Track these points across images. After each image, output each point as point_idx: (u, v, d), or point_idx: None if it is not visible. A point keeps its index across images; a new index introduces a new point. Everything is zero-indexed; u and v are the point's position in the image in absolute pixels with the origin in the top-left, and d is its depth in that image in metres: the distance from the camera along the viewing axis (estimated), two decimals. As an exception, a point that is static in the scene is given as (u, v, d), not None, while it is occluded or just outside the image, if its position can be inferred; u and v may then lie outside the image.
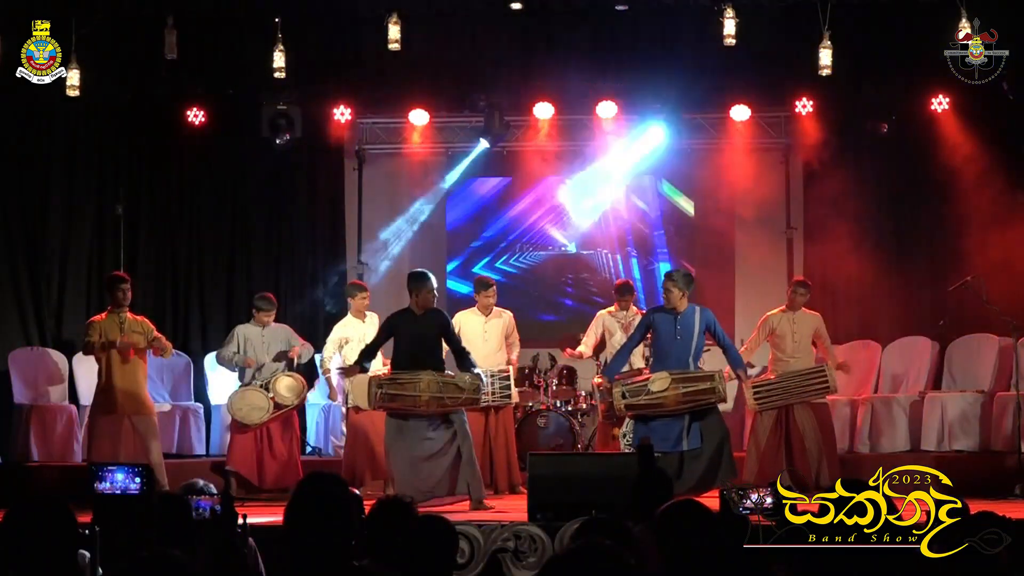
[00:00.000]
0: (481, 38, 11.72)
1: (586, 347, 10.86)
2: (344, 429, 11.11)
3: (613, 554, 3.15)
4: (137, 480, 5.63)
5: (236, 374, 10.55)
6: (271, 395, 10.25)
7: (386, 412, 9.15)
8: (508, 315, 10.81)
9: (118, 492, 5.52)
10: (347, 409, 10.57)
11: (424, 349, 9.13)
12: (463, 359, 9.21)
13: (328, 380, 10.82)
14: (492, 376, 10.21)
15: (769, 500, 6.30)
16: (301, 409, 11.59)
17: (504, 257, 13.39)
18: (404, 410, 8.99)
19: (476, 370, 9.19)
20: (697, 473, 9.09)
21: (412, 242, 13.37)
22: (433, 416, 9.03)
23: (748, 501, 7.08)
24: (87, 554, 4.49)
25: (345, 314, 11.04)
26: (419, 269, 9.50)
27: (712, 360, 10.42)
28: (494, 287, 10.77)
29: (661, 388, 9.08)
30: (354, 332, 10.55)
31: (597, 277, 13.33)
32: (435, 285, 9.18)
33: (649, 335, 9.66)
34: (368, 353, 9.33)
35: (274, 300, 10.60)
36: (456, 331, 10.25)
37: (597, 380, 10.41)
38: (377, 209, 13.37)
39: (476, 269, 13.23)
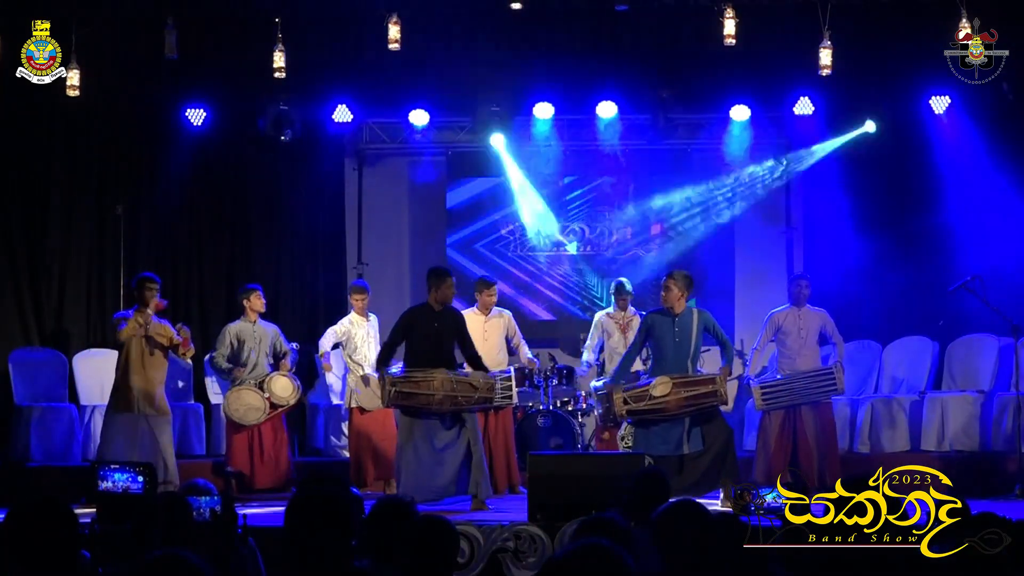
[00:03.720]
0: (481, 38, 11.71)
1: (589, 353, 10.87)
2: (346, 430, 11.12)
3: (612, 554, 3.15)
4: (139, 480, 5.64)
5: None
6: (267, 395, 10.27)
7: (401, 411, 9.16)
8: (508, 315, 10.82)
9: (120, 491, 5.52)
10: (350, 410, 10.58)
11: (440, 347, 9.15)
12: (476, 363, 9.24)
13: (324, 365, 10.82)
14: (499, 382, 10.24)
15: (774, 500, 6.32)
16: (301, 409, 11.61)
17: (508, 251, 13.38)
18: (418, 408, 9.00)
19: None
20: (699, 471, 9.07)
21: (412, 242, 13.37)
22: (445, 415, 9.04)
23: (755, 501, 7.07)
24: (87, 554, 4.49)
25: (346, 314, 11.06)
26: (438, 266, 9.58)
27: (712, 361, 10.43)
28: (495, 287, 10.78)
29: (663, 393, 9.06)
30: (358, 330, 10.58)
31: (597, 277, 13.33)
32: (454, 281, 9.24)
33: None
34: (388, 354, 9.27)
35: (254, 288, 10.61)
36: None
37: (595, 384, 10.39)
38: (377, 209, 13.37)
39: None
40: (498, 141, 12.69)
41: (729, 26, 10.38)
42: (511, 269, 13.34)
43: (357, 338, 10.57)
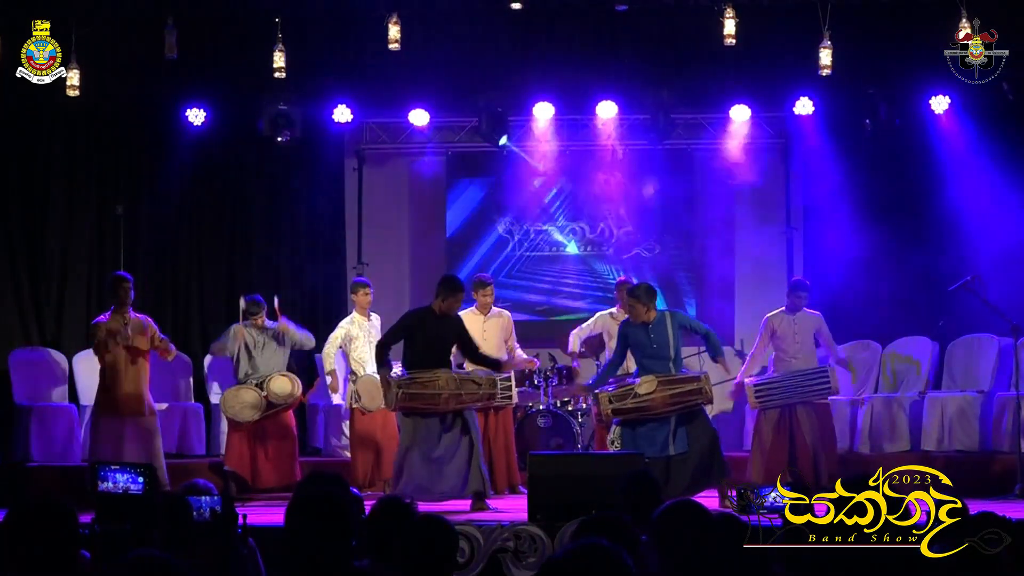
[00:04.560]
0: (481, 38, 11.71)
1: (575, 341, 10.84)
2: (346, 430, 11.11)
3: (611, 554, 3.15)
4: (139, 480, 5.63)
5: (233, 371, 10.61)
6: (264, 393, 10.27)
7: (404, 412, 9.13)
8: (507, 315, 10.83)
9: (120, 492, 5.52)
10: (352, 410, 10.56)
11: (441, 350, 9.19)
12: (481, 360, 9.27)
13: (332, 375, 10.76)
14: (499, 382, 10.25)
15: (774, 500, 6.32)
16: (301, 409, 11.60)
17: (506, 269, 13.35)
18: (424, 409, 8.99)
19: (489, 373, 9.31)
20: (687, 476, 9.03)
21: (412, 242, 13.37)
22: (446, 414, 9.05)
23: (756, 501, 7.10)
24: (87, 555, 4.49)
25: (346, 314, 11.05)
26: (454, 275, 9.60)
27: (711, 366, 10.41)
28: (491, 286, 10.77)
29: (648, 391, 9.04)
30: (359, 330, 10.57)
31: (597, 277, 13.33)
32: (462, 297, 9.30)
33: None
34: (385, 352, 9.25)
35: (262, 301, 10.64)
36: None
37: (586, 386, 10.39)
38: (377, 209, 13.36)
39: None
40: (501, 139, 12.68)
41: (729, 26, 10.38)
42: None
43: (359, 339, 10.55)
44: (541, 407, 11.13)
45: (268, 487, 10.18)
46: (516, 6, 11.01)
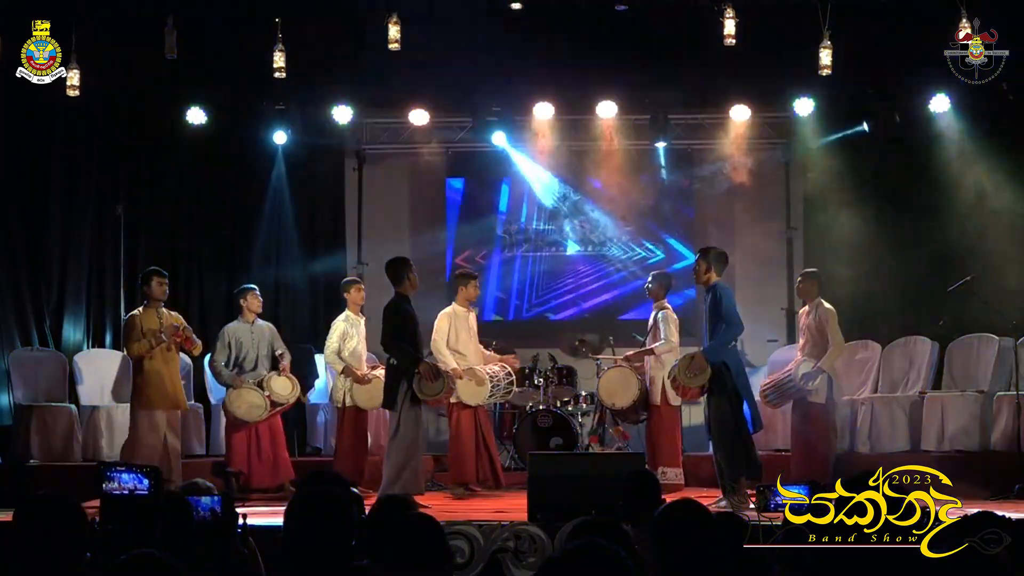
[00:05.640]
0: (481, 38, 11.72)
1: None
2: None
3: (609, 554, 3.15)
4: (145, 481, 5.64)
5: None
6: (266, 393, 10.26)
7: (409, 405, 9.15)
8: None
9: (126, 492, 5.52)
10: (343, 409, 10.47)
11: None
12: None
13: (348, 371, 10.65)
14: (506, 376, 10.27)
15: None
16: (301, 409, 11.61)
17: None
18: (432, 403, 9.23)
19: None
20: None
21: (412, 242, 13.37)
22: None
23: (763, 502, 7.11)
24: (88, 554, 4.49)
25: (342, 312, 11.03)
26: (397, 256, 9.66)
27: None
28: (477, 279, 10.71)
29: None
30: (353, 328, 10.54)
31: (598, 278, 13.34)
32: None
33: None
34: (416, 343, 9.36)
35: (250, 286, 10.61)
36: (454, 328, 10.26)
37: None
38: (377, 209, 13.37)
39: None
40: (501, 139, 12.69)
41: (729, 26, 10.38)
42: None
43: (353, 337, 10.51)
44: (541, 407, 11.12)
45: (263, 487, 10.15)
46: (516, 6, 11.02)
